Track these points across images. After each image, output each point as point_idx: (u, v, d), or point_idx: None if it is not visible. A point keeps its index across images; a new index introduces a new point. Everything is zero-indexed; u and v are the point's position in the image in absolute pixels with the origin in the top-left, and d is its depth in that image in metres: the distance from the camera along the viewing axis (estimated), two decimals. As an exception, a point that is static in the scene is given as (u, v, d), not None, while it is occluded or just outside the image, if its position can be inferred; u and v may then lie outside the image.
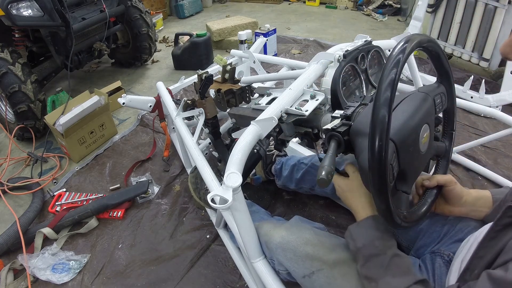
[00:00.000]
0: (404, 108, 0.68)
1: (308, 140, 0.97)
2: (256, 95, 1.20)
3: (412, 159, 0.68)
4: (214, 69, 1.82)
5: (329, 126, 0.76)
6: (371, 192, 0.61)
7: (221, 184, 0.73)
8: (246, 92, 1.27)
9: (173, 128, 1.82)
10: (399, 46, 0.57)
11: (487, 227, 0.69)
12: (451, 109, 0.81)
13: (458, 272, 0.68)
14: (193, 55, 2.79)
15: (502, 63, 2.05)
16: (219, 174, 1.17)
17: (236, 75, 1.31)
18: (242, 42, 2.78)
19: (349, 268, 0.74)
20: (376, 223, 0.72)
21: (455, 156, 1.63)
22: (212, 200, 0.73)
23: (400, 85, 1.39)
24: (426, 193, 0.78)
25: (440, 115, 0.81)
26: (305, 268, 0.77)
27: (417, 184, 0.81)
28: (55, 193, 1.62)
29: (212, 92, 1.30)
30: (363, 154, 0.64)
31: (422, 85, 1.52)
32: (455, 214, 0.79)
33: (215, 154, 1.61)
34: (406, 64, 0.59)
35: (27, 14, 1.85)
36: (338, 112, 0.82)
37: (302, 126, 0.95)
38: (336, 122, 0.77)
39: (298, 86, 0.95)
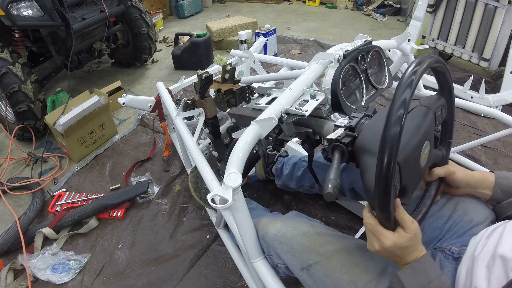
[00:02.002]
0: (407, 126, 0.69)
1: (309, 145, 0.97)
2: (256, 95, 1.20)
3: (413, 175, 0.69)
4: (214, 69, 1.82)
5: (332, 136, 0.76)
6: (376, 211, 0.63)
7: (221, 184, 0.73)
8: (246, 92, 1.27)
9: (173, 128, 1.82)
10: (411, 68, 0.59)
11: (498, 226, 0.68)
12: (449, 119, 0.83)
13: (465, 269, 0.68)
14: (193, 55, 2.79)
15: (502, 63, 2.05)
16: (219, 174, 1.17)
17: (236, 75, 1.31)
18: (242, 42, 2.78)
19: (346, 260, 0.74)
20: (427, 264, 0.64)
21: (455, 156, 1.63)
22: (212, 200, 0.73)
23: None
24: (428, 188, 0.80)
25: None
26: (302, 261, 0.77)
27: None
28: (55, 193, 1.62)
29: (212, 92, 1.30)
30: (369, 173, 0.65)
31: (422, 85, 1.53)
32: (458, 194, 0.82)
33: (215, 154, 1.61)
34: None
35: (27, 14, 1.85)
36: (341, 122, 0.82)
37: (302, 127, 0.95)
38: (340, 132, 0.78)
39: (298, 86, 0.95)
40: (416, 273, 0.62)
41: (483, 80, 2.03)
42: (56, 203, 1.56)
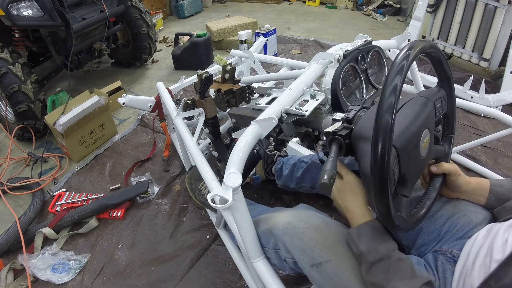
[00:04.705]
0: (406, 113, 0.69)
1: (308, 142, 0.97)
2: (256, 95, 1.20)
3: (413, 164, 0.68)
4: (214, 69, 1.82)
5: (330, 129, 0.76)
6: (372, 196, 0.61)
7: (221, 184, 0.73)
8: (246, 92, 1.27)
9: (173, 128, 1.82)
10: (402, 53, 0.58)
11: (494, 227, 0.69)
12: (451, 113, 0.82)
13: (460, 269, 0.68)
14: (193, 55, 2.79)
15: (502, 63, 2.05)
16: (219, 174, 1.17)
17: (236, 75, 1.31)
18: (242, 42, 2.78)
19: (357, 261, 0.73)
20: (378, 228, 0.72)
21: (455, 156, 1.63)
22: (212, 200, 0.73)
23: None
24: (431, 183, 0.79)
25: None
26: (313, 258, 0.74)
27: (424, 172, 0.82)
28: (55, 193, 1.62)
29: (212, 92, 1.30)
30: (365, 159, 0.64)
31: (422, 85, 1.53)
32: (452, 197, 0.82)
33: (215, 154, 1.61)
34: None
35: (27, 14, 1.85)
36: (339, 115, 0.82)
37: (302, 126, 0.95)
38: (337, 125, 0.77)
39: (298, 86, 0.95)
40: (364, 233, 0.72)
41: (483, 80, 2.03)
42: (56, 203, 1.56)
